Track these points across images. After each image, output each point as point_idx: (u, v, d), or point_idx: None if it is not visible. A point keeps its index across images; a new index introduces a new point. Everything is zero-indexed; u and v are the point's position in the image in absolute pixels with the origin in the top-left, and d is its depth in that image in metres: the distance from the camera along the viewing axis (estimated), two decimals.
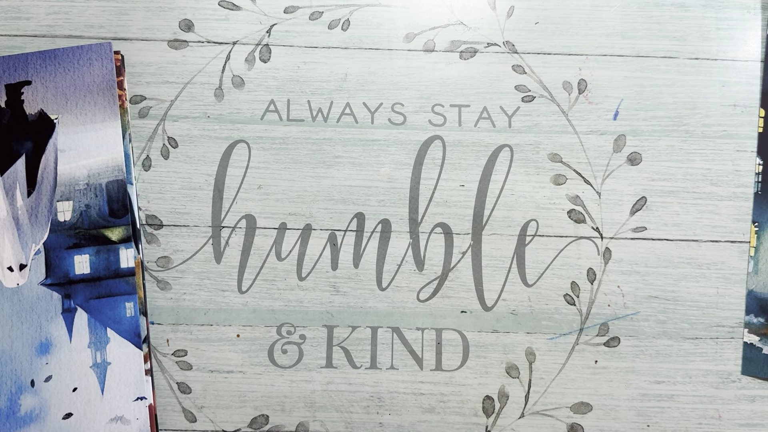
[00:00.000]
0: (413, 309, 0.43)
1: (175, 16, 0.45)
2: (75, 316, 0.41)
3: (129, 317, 0.41)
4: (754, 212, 0.43)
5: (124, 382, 0.40)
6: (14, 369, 0.40)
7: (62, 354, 0.41)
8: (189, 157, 0.44)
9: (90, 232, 0.42)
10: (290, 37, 0.45)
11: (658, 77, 0.45)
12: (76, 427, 0.40)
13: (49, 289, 0.41)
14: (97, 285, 0.41)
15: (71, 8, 0.45)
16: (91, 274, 0.41)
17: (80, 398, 0.40)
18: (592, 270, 0.43)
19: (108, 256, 0.41)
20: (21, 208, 0.41)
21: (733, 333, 0.43)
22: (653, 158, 0.44)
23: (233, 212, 0.43)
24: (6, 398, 0.40)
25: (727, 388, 0.43)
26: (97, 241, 0.42)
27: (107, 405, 0.40)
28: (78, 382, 0.40)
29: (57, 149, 0.42)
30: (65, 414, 0.40)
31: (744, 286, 0.43)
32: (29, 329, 0.41)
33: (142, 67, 0.44)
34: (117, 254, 0.42)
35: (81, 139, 0.42)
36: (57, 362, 0.41)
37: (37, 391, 0.40)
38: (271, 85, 0.44)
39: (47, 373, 0.40)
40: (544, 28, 0.45)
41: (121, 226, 0.42)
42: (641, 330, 0.43)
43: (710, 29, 0.45)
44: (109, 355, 0.41)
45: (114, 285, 0.41)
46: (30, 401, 0.40)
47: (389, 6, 0.45)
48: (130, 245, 0.42)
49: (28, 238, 0.41)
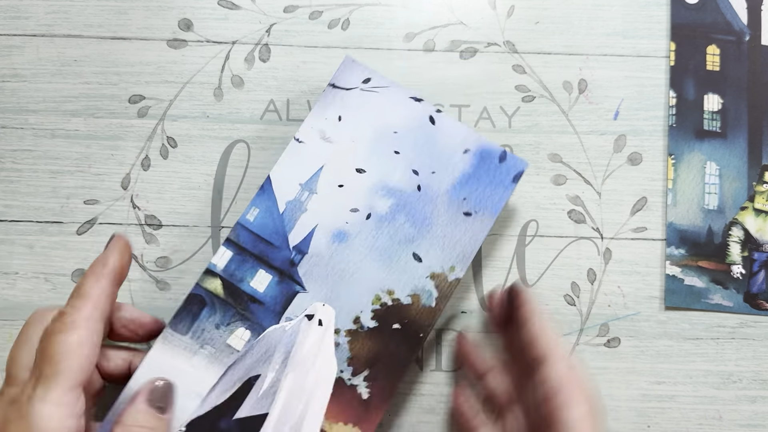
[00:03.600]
0: None
1: (174, 15, 0.45)
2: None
3: None
4: (670, 145, 0.44)
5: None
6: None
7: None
8: (188, 156, 0.44)
9: None
10: (290, 36, 0.45)
11: (658, 77, 0.45)
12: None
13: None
14: None
15: (70, 7, 0.45)
16: None
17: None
18: (593, 270, 0.43)
19: None
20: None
21: (734, 333, 0.43)
22: (653, 158, 0.44)
23: (233, 212, 0.43)
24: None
25: (728, 388, 0.43)
26: None
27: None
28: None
29: None
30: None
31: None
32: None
33: (141, 66, 0.44)
34: None
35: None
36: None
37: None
38: (271, 85, 0.44)
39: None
40: (544, 28, 0.45)
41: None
42: (642, 330, 0.43)
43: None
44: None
45: None
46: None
47: (389, 5, 0.45)
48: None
49: None
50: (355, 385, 0.36)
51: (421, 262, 0.38)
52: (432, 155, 0.39)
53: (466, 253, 0.38)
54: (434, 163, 0.39)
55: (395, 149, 0.39)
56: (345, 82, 0.40)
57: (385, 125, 0.39)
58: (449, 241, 0.38)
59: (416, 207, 0.38)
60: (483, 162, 0.39)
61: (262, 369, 0.35)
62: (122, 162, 0.44)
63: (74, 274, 0.43)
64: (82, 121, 0.44)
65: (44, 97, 0.44)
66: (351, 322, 0.37)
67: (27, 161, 0.44)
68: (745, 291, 0.43)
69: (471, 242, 0.38)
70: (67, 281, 0.43)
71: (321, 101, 0.39)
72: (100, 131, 0.44)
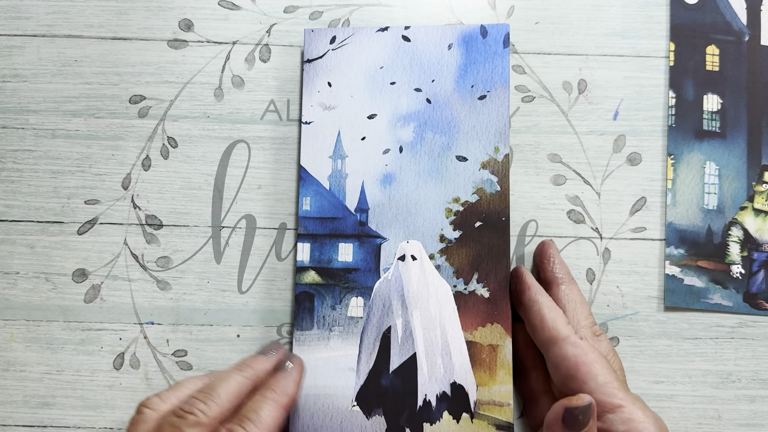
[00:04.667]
0: None
1: (174, 15, 0.45)
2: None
3: None
4: (669, 144, 0.44)
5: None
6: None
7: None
8: (189, 157, 0.44)
9: None
10: (290, 36, 0.45)
11: (657, 77, 0.45)
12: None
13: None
14: None
15: (71, 8, 0.45)
16: None
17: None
18: (591, 270, 0.43)
19: None
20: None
21: (733, 333, 0.43)
22: (653, 158, 0.44)
23: (233, 212, 0.43)
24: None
25: (727, 388, 0.43)
26: None
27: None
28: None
29: None
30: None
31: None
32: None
33: (142, 66, 0.44)
34: None
35: None
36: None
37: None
38: (271, 85, 0.44)
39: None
40: (544, 28, 0.45)
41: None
42: (640, 330, 0.43)
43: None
44: None
45: None
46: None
47: (389, 6, 0.45)
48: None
49: None
50: (473, 290, 0.39)
51: (467, 160, 0.40)
52: (423, 67, 0.41)
53: (500, 129, 0.40)
54: (429, 73, 0.41)
55: (390, 81, 0.41)
56: (316, 52, 0.42)
57: (369, 66, 0.41)
58: (480, 128, 0.40)
59: (436, 118, 0.40)
60: (469, 46, 0.41)
61: (390, 320, 0.39)
62: (123, 162, 0.44)
63: (75, 274, 0.43)
64: (82, 122, 0.44)
65: (45, 97, 0.44)
66: (438, 242, 0.39)
67: (28, 161, 0.44)
68: (745, 291, 0.43)
69: (499, 118, 0.40)
70: (68, 281, 0.43)
71: (306, 79, 0.41)
72: (101, 131, 0.44)
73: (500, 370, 0.38)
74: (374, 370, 0.38)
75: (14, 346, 0.43)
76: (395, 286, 0.39)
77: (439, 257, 0.39)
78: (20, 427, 0.42)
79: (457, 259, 0.39)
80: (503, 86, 0.40)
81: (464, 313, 0.38)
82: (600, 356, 0.35)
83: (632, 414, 0.34)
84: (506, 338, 0.38)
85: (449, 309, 0.39)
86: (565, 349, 0.35)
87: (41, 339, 0.43)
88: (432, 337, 0.38)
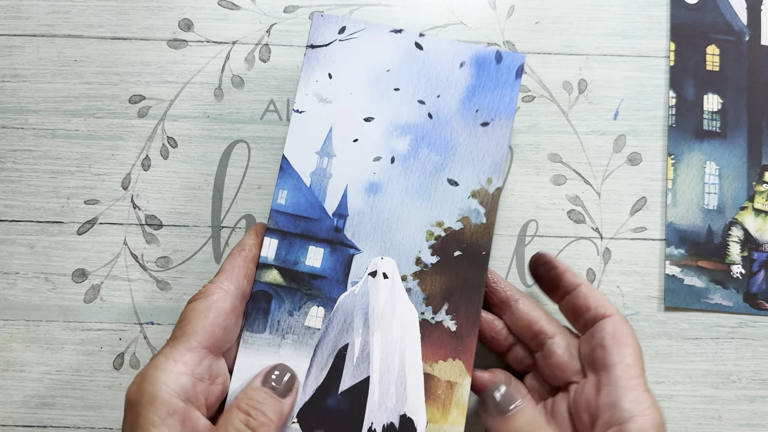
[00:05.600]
0: None
1: (174, 15, 0.45)
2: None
3: None
4: (669, 145, 0.44)
5: None
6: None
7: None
8: (188, 157, 0.44)
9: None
10: (290, 36, 0.45)
11: (658, 77, 0.45)
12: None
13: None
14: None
15: (71, 7, 0.45)
16: None
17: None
18: (592, 270, 0.43)
19: None
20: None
21: (734, 333, 0.43)
22: (653, 158, 0.44)
23: (233, 212, 0.43)
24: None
25: (727, 388, 0.43)
26: None
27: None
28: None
29: None
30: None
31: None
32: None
33: (142, 66, 0.44)
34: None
35: None
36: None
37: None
38: (271, 85, 0.44)
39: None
40: (544, 28, 0.45)
41: None
42: (641, 330, 0.43)
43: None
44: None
45: None
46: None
47: (389, 6, 0.45)
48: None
49: None
50: (440, 321, 0.36)
51: (458, 185, 0.37)
52: (431, 80, 0.38)
53: (497, 161, 0.37)
54: (436, 87, 0.38)
55: (394, 87, 0.38)
56: (322, 39, 0.39)
57: (375, 67, 0.38)
58: (477, 155, 0.38)
59: (434, 135, 0.38)
60: (481, 69, 0.38)
61: (348, 338, 0.36)
62: (123, 162, 0.44)
63: (75, 274, 0.43)
64: (82, 121, 0.44)
65: (44, 97, 0.44)
66: (414, 264, 0.37)
67: (27, 161, 0.44)
68: (745, 291, 0.43)
69: (498, 149, 0.37)
70: (68, 281, 0.43)
71: (305, 65, 0.38)
72: (101, 131, 0.44)
73: (454, 409, 0.35)
74: (322, 388, 0.35)
75: (14, 346, 0.43)
76: (361, 302, 0.36)
77: (411, 280, 0.37)
78: (20, 428, 0.42)
79: (430, 286, 0.37)
80: (508, 117, 0.38)
81: (427, 343, 0.36)
82: (638, 345, 0.35)
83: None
84: (466, 377, 0.35)
85: (413, 337, 0.36)
86: (614, 323, 0.35)
87: (41, 339, 0.43)
88: (390, 362, 0.35)
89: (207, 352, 0.33)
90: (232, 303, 0.34)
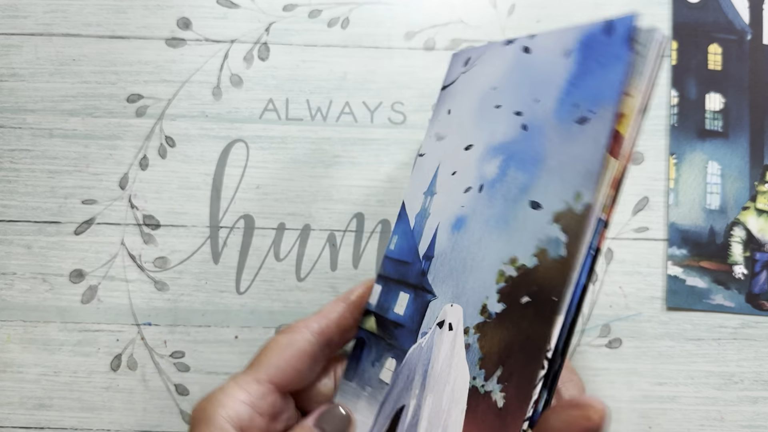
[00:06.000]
0: None
1: (173, 14, 0.45)
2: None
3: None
4: (671, 144, 0.44)
5: None
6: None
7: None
8: (187, 156, 0.43)
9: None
10: (289, 35, 0.44)
11: (660, 76, 0.44)
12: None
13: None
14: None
15: (69, 6, 0.45)
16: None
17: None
18: (594, 271, 0.43)
19: None
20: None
21: (736, 334, 0.43)
22: (655, 158, 0.44)
23: (231, 212, 0.43)
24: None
25: (730, 389, 0.42)
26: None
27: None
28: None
29: None
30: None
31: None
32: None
33: (140, 65, 0.44)
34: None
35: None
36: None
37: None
38: (270, 84, 0.44)
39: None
40: (545, 27, 0.45)
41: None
42: (643, 331, 0.43)
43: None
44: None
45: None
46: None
47: (389, 4, 0.45)
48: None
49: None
50: (489, 392, 0.28)
51: (541, 208, 0.29)
52: (533, 84, 0.31)
53: (591, 168, 0.27)
54: (535, 91, 0.31)
55: (495, 104, 0.32)
56: (451, 77, 0.36)
57: (484, 88, 0.33)
58: (567, 163, 0.28)
59: (525, 149, 0.30)
60: (588, 51, 0.29)
61: (406, 398, 0.31)
62: (120, 162, 0.43)
63: (72, 274, 0.43)
64: (80, 121, 0.44)
65: (42, 96, 0.44)
66: (478, 314, 0.29)
67: (25, 161, 0.43)
68: (747, 291, 0.43)
69: (594, 152, 0.27)
70: (65, 281, 0.43)
71: (435, 108, 0.36)
72: (98, 131, 0.44)
73: None
74: None
75: (11, 347, 0.42)
76: (425, 357, 0.31)
77: (472, 334, 0.29)
78: (17, 429, 0.42)
79: (489, 343, 0.29)
80: (611, 106, 0.27)
81: (470, 419, 0.28)
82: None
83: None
84: None
85: (458, 409, 0.29)
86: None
87: (38, 340, 0.42)
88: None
89: (274, 388, 0.32)
90: (312, 346, 0.33)
